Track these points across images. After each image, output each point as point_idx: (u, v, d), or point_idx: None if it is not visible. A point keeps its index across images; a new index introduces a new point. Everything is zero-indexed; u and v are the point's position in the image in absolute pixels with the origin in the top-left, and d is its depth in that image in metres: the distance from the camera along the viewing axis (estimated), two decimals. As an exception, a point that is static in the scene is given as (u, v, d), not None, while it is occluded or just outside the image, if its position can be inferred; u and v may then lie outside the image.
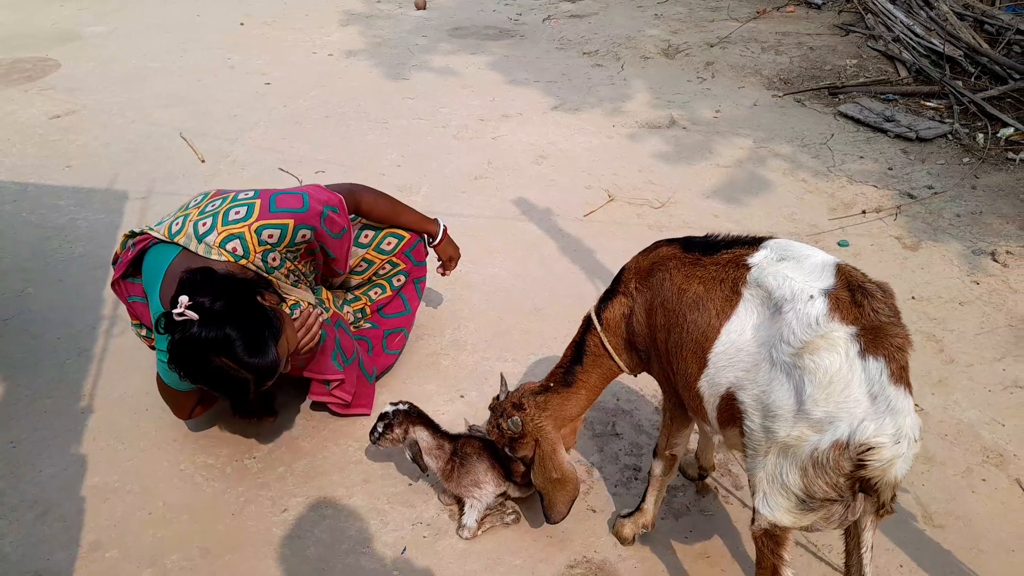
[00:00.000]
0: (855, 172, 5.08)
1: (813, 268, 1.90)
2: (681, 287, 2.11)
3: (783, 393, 1.81)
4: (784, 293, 1.85)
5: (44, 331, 3.52)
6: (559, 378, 2.47)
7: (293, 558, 2.53)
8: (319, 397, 2.91)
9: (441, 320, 3.65)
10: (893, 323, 1.80)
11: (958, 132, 5.49)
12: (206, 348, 2.27)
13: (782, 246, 2.01)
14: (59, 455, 2.89)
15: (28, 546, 2.55)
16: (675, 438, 2.40)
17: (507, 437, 2.45)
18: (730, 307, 1.97)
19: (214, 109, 5.95)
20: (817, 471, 1.76)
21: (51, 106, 5.93)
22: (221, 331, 2.26)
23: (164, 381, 2.68)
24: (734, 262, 2.03)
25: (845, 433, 1.70)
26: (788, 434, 1.79)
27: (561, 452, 2.43)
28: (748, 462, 1.95)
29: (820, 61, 6.90)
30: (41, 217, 4.44)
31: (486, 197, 4.78)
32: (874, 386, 1.71)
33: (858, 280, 1.86)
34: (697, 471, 2.79)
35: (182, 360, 2.31)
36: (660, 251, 2.26)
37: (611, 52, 7.29)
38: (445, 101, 6.20)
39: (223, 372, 2.31)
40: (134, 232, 2.77)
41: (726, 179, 5.02)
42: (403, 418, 2.58)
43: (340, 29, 7.85)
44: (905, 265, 4.08)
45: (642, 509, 2.53)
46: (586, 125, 5.80)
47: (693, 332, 2.04)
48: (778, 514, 1.87)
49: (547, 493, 2.44)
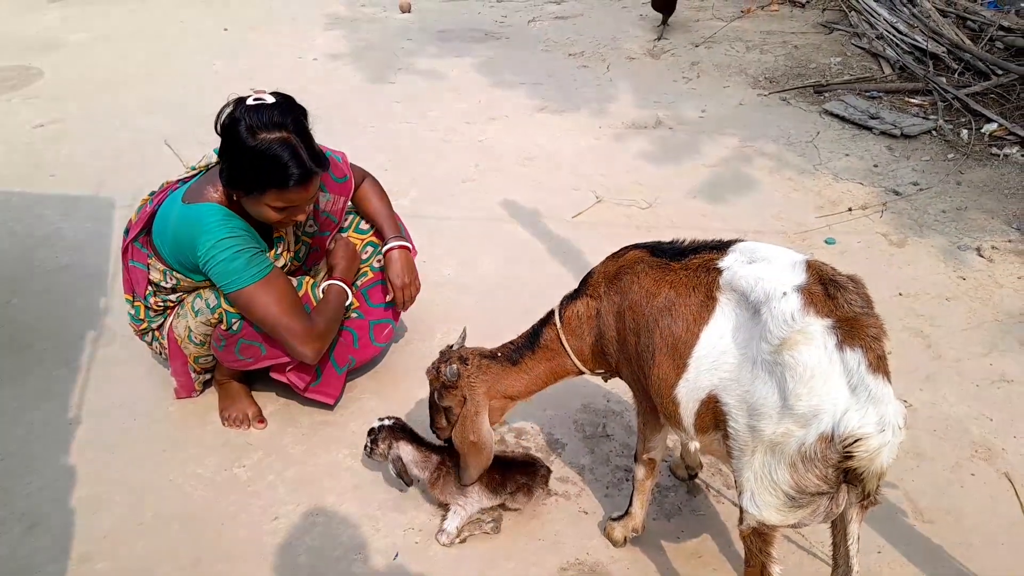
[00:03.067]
0: (841, 170, 5.10)
1: (783, 267, 1.92)
2: (650, 291, 2.13)
3: (766, 391, 1.82)
4: (759, 294, 1.87)
5: (31, 342, 3.50)
6: (507, 354, 2.52)
7: (285, 566, 2.52)
8: (276, 374, 2.93)
9: (430, 323, 3.65)
10: (867, 313, 1.82)
11: (942, 128, 5.53)
12: (280, 120, 2.49)
13: (750, 248, 2.04)
14: (47, 467, 2.87)
15: (18, 559, 2.54)
16: (650, 442, 2.41)
17: (440, 382, 2.49)
18: (706, 312, 1.99)
19: (199, 115, 5.91)
20: (806, 465, 1.77)
21: (35, 115, 5.90)
22: (293, 114, 2.55)
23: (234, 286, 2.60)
24: (704, 267, 2.06)
25: (829, 425, 1.72)
26: (775, 431, 1.81)
27: (483, 418, 2.46)
28: (734, 463, 1.96)
29: (805, 59, 6.93)
30: (26, 227, 4.41)
31: (474, 200, 4.77)
32: (853, 377, 1.73)
33: (829, 274, 1.88)
34: (685, 471, 2.82)
35: (251, 133, 2.45)
36: (628, 255, 2.29)
37: (597, 53, 7.30)
38: (431, 104, 6.19)
39: (289, 145, 2.47)
40: (153, 192, 2.88)
41: (712, 179, 5.04)
42: (387, 434, 2.64)
43: (324, 33, 7.83)
44: (892, 262, 4.10)
45: (630, 513, 2.55)
46: (572, 126, 5.81)
47: (667, 337, 2.06)
48: (766, 512, 1.89)
49: (463, 454, 2.49)
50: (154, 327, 3.00)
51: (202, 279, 2.74)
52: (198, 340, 2.87)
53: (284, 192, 2.53)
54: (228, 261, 2.57)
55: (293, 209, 2.62)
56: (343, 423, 3.09)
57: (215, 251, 2.57)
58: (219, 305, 2.73)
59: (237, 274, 2.58)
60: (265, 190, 2.52)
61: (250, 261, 2.60)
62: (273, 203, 2.56)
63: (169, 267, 2.78)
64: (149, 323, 2.98)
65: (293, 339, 2.66)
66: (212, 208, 2.62)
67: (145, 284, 2.86)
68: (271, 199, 2.55)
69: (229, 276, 2.59)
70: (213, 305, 2.75)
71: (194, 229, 2.59)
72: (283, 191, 2.53)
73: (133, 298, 2.95)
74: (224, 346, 2.79)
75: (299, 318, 2.67)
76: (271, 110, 2.50)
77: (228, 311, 2.73)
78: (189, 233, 2.60)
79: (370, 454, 2.65)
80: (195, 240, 2.58)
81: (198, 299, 2.80)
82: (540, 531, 2.63)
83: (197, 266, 2.64)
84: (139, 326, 3.01)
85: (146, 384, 3.27)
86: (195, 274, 2.73)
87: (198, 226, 2.58)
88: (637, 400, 2.41)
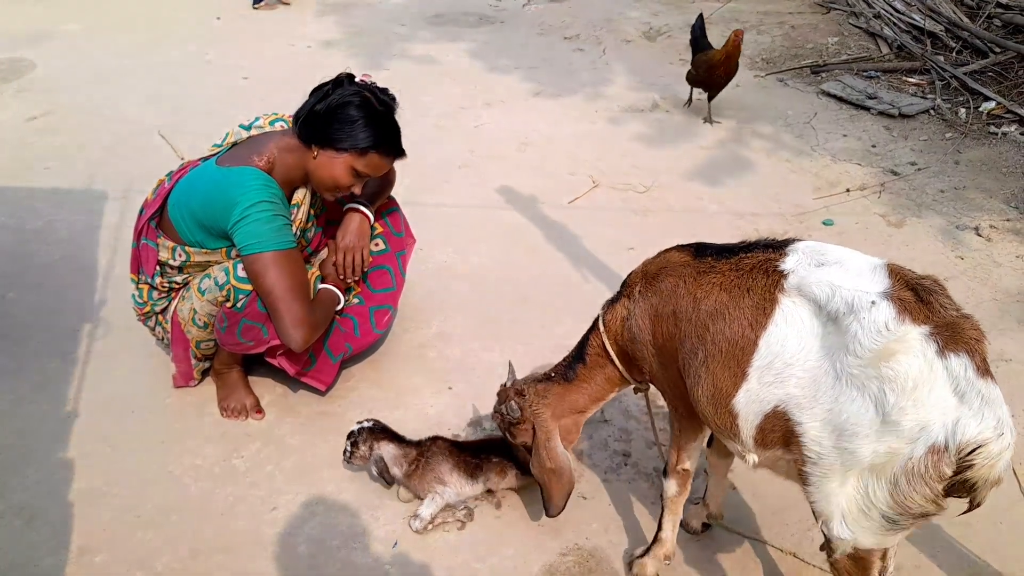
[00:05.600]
0: (838, 150, 5.08)
1: (860, 271, 1.78)
2: (697, 295, 2.00)
3: (858, 408, 1.67)
4: (838, 304, 1.73)
5: (26, 336, 3.48)
6: (561, 371, 2.45)
7: (284, 556, 2.52)
8: (270, 358, 2.92)
9: (427, 311, 3.64)
10: (964, 316, 1.71)
11: (940, 108, 5.50)
12: (395, 102, 2.79)
13: (814, 249, 1.89)
14: (45, 460, 2.87)
15: (17, 552, 2.53)
16: (686, 451, 2.27)
17: (506, 422, 2.46)
18: (765, 317, 1.84)
19: (192, 106, 5.89)
20: (912, 483, 1.64)
21: (27, 107, 5.85)
22: (392, 98, 2.81)
23: (265, 247, 2.63)
24: (761, 268, 1.91)
25: (941, 436, 1.60)
26: (874, 451, 1.66)
27: (556, 442, 2.40)
28: (813, 489, 1.80)
29: (802, 40, 6.89)
30: (19, 220, 4.38)
31: (470, 186, 4.75)
32: (960, 383, 1.61)
33: (915, 278, 1.75)
34: (702, 521, 2.59)
35: (378, 101, 2.70)
36: (669, 256, 2.17)
37: (592, 36, 7.25)
38: (426, 90, 6.15)
39: (385, 116, 2.71)
40: (170, 172, 2.95)
41: (710, 161, 5.02)
42: (367, 435, 2.66)
43: (317, 20, 7.77)
44: (890, 242, 4.09)
45: (660, 539, 2.38)
46: (568, 111, 5.78)
47: (722, 344, 1.91)
48: (862, 537, 1.75)
49: (544, 484, 2.42)
50: (157, 310, 3.00)
51: (216, 247, 2.77)
52: (201, 323, 2.87)
53: (381, 158, 2.74)
54: (262, 223, 2.62)
55: (363, 178, 2.78)
56: (341, 412, 3.08)
57: (253, 211, 2.61)
58: (228, 282, 2.74)
59: (265, 237, 2.62)
60: (367, 151, 2.69)
61: (280, 230, 2.66)
62: (360, 166, 2.71)
63: (180, 242, 2.79)
64: (152, 306, 2.98)
65: (289, 318, 2.66)
66: (256, 172, 2.68)
67: (154, 263, 2.87)
68: (363, 162, 2.71)
69: (257, 237, 2.61)
70: (223, 282, 2.75)
71: (234, 189, 2.63)
72: (382, 157, 2.74)
73: (139, 279, 2.97)
74: (226, 327, 2.78)
75: (302, 301, 2.69)
76: (389, 93, 2.80)
77: (237, 287, 2.73)
78: (227, 192, 2.63)
79: (350, 458, 2.67)
80: (234, 199, 2.61)
81: (206, 279, 2.80)
82: (539, 516, 2.63)
83: (221, 230, 2.68)
84: (142, 309, 3.01)
85: (143, 376, 3.26)
86: (214, 240, 2.75)
87: (240, 186, 2.62)
88: (672, 408, 2.27)
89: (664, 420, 3.02)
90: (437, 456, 2.64)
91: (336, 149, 2.69)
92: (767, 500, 2.66)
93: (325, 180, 2.75)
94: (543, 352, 3.33)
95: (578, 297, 3.71)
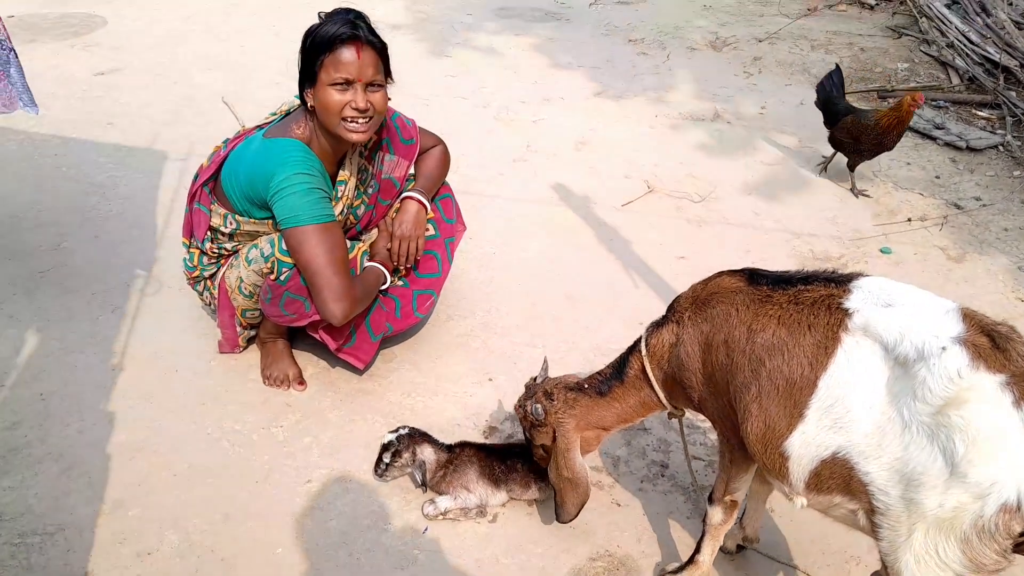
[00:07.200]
0: (901, 178, 4.97)
1: (932, 315, 1.70)
2: (752, 327, 1.91)
3: (926, 458, 1.61)
4: (907, 348, 1.65)
5: (79, 286, 3.53)
6: (595, 384, 2.38)
7: (315, 529, 2.53)
8: (312, 332, 2.92)
9: (473, 301, 3.62)
10: None
11: (1010, 144, 5.36)
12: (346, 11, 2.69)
13: (880, 288, 1.81)
14: (87, 411, 2.90)
15: (52, 499, 2.56)
16: (735, 482, 2.19)
17: (528, 421, 2.44)
18: (826, 356, 1.76)
19: (257, 76, 5.94)
20: (984, 540, 1.57)
21: (95, 62, 5.95)
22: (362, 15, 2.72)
23: (303, 221, 2.61)
24: (823, 304, 1.83)
25: (1013, 495, 1.52)
26: (940, 504, 1.59)
27: (575, 453, 2.36)
28: (883, 542, 1.73)
29: (871, 63, 6.75)
30: (81, 173, 4.45)
31: (524, 180, 4.73)
32: None
33: (990, 324, 1.67)
34: (738, 542, 2.52)
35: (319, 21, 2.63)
36: (721, 281, 2.09)
37: (657, 41, 7.18)
38: (487, 81, 6.14)
39: (344, 18, 2.62)
40: (227, 139, 2.96)
41: (768, 177, 4.93)
42: (408, 442, 2.61)
43: (385, 3, 7.79)
44: (949, 277, 3.99)
45: (696, 562, 2.32)
46: (628, 113, 5.72)
47: (778, 381, 1.83)
48: None
49: (559, 490, 2.40)
50: (206, 276, 3.02)
51: (265, 217, 2.76)
52: (247, 291, 2.88)
53: (336, 56, 2.55)
54: (299, 196, 2.59)
55: (353, 86, 2.60)
56: (381, 392, 3.08)
57: (289, 183, 2.59)
58: (273, 254, 2.74)
59: (302, 210, 2.59)
60: (321, 62, 2.57)
61: (317, 203, 2.62)
62: (332, 77, 2.57)
63: (232, 211, 2.81)
64: (202, 271, 3.01)
65: (328, 292, 2.63)
66: (295, 143, 2.67)
67: (205, 228, 2.89)
68: (328, 73, 2.56)
69: (294, 211, 2.59)
70: (268, 254, 2.75)
71: (274, 160, 2.62)
72: (334, 53, 2.55)
73: (190, 243, 2.99)
74: (271, 299, 2.79)
75: (341, 275, 2.65)
76: (345, 10, 2.66)
77: (280, 260, 2.72)
78: (267, 164, 2.63)
79: (387, 468, 2.60)
80: (273, 170, 2.61)
81: (253, 249, 2.81)
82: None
83: (263, 201, 2.67)
84: (192, 273, 3.04)
85: (190, 337, 3.29)
86: (260, 210, 2.75)
87: (279, 157, 2.62)
88: (723, 438, 2.18)
89: (697, 446, 2.98)
90: (465, 464, 2.63)
91: (313, 82, 2.62)
92: (805, 527, 2.60)
93: (327, 117, 2.63)
94: (586, 353, 3.31)
95: (625, 302, 3.68)
